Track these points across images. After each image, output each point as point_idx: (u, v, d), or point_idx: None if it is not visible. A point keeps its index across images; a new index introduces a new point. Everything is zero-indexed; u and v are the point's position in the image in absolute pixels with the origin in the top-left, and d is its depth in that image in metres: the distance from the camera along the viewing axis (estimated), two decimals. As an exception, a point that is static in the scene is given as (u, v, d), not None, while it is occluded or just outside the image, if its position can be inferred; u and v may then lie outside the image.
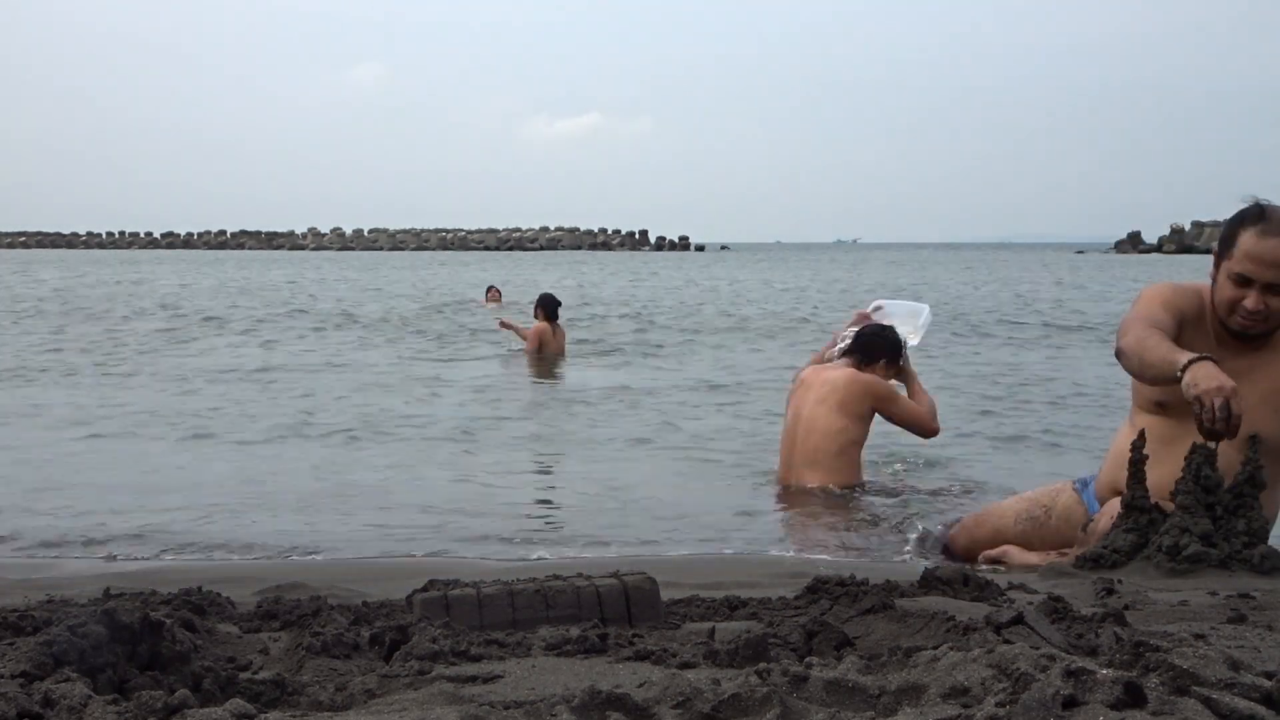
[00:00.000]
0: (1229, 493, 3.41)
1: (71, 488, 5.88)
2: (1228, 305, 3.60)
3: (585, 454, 7.12)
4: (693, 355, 14.03)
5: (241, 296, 27.22)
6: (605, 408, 9.11)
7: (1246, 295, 3.56)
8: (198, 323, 18.99)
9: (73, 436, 7.53)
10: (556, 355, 12.85)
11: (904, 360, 5.77)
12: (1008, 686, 1.60)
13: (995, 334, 17.19)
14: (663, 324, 19.07)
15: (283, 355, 13.66)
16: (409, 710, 1.79)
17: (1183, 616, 2.68)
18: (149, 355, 13.45)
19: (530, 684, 1.97)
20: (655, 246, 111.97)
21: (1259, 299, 3.54)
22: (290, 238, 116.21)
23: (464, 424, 8.17)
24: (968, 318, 20.06)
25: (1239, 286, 3.57)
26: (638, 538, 4.91)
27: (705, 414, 8.78)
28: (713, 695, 1.68)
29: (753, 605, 2.75)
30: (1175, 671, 1.59)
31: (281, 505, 5.50)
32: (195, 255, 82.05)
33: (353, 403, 9.30)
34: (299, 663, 2.15)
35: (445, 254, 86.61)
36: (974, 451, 7.23)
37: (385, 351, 14.33)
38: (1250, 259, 3.53)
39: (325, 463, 6.70)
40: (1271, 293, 3.54)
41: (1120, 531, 3.51)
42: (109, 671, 1.91)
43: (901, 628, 2.32)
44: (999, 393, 10.18)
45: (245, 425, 8.03)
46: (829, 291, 31.41)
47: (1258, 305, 3.54)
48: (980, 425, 8.25)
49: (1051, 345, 15.44)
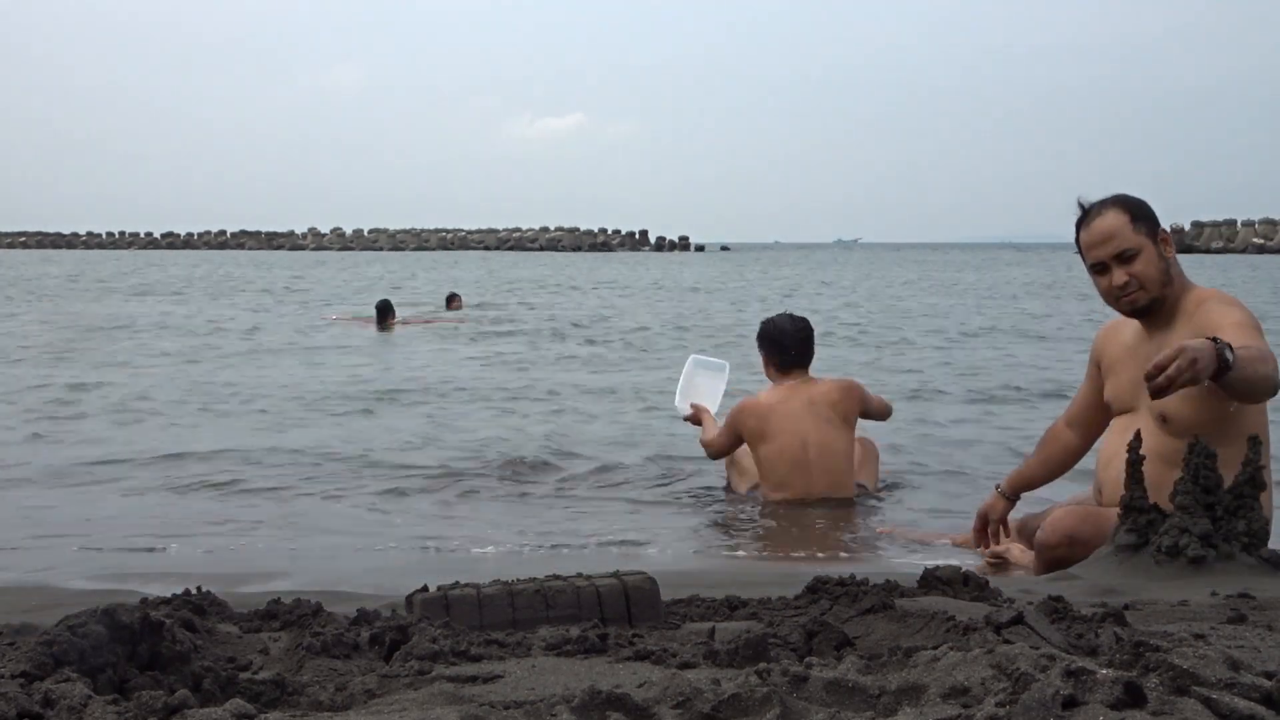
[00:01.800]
0: (1229, 493, 3.42)
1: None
2: (1106, 296, 3.84)
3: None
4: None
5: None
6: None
7: (1108, 278, 3.79)
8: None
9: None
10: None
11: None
12: (1008, 686, 1.60)
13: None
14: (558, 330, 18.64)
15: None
16: (409, 710, 1.79)
17: (1183, 616, 2.68)
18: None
19: (530, 684, 1.97)
20: (655, 246, 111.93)
21: (1116, 275, 3.77)
22: (290, 238, 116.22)
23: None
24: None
25: (1100, 275, 3.82)
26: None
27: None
28: (713, 695, 1.68)
29: (753, 605, 2.75)
30: (1175, 671, 1.59)
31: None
32: (197, 255, 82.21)
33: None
34: (299, 663, 2.15)
35: (445, 254, 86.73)
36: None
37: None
38: (1088, 249, 3.82)
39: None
40: (1122, 263, 3.76)
41: (1121, 532, 3.51)
42: (109, 671, 1.91)
43: (901, 628, 2.32)
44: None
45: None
46: (736, 297, 29.06)
47: (1121, 280, 3.76)
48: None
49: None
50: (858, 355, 13.97)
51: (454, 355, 13.76)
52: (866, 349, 14.91)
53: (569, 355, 14.03)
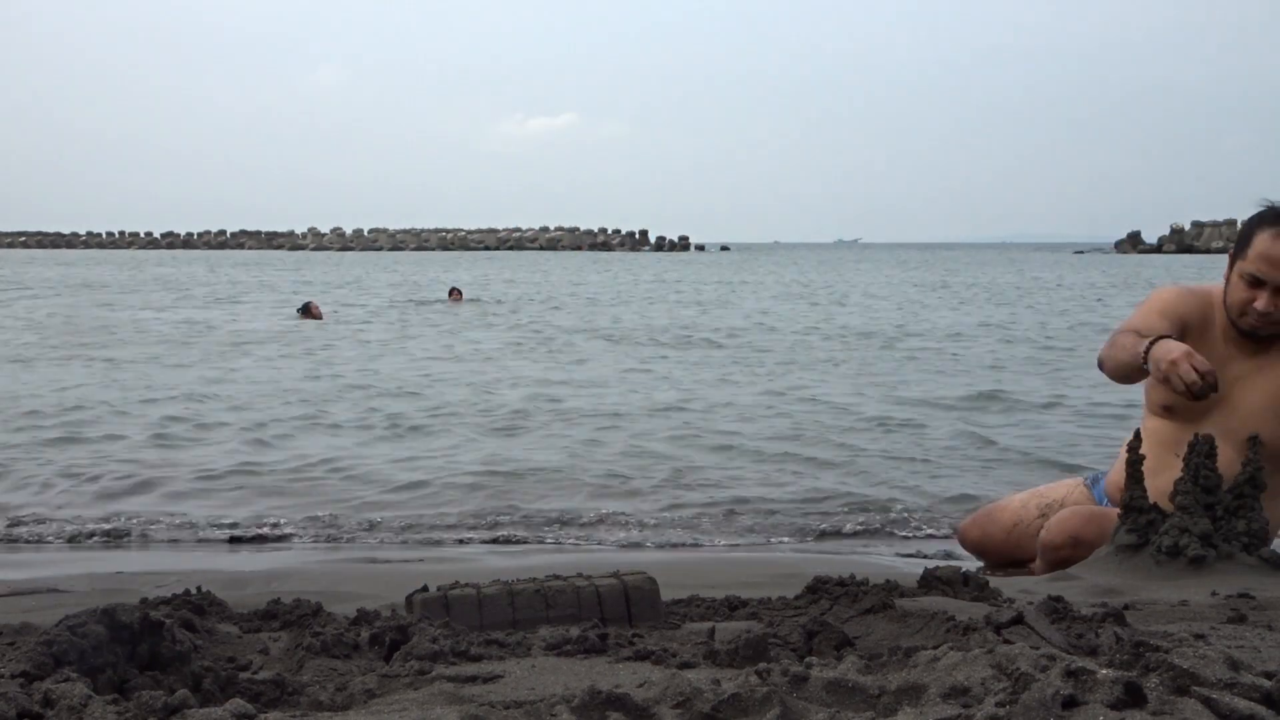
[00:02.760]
0: (1229, 493, 3.42)
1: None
2: (1239, 306, 3.62)
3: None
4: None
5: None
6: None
7: (1258, 296, 3.58)
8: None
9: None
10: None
11: None
12: (1008, 686, 1.60)
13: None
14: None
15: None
16: (409, 710, 1.79)
17: (1183, 616, 2.68)
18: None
19: (530, 684, 1.97)
20: (655, 247, 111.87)
21: (1270, 300, 3.56)
22: (290, 238, 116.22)
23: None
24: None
25: (1251, 287, 3.59)
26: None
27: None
28: (713, 695, 1.68)
29: (753, 605, 2.75)
30: (1175, 671, 1.59)
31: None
32: (200, 255, 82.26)
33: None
34: (299, 663, 2.15)
35: (446, 254, 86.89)
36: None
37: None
38: (1264, 260, 3.56)
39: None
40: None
41: (1121, 532, 3.51)
42: (109, 671, 1.91)
43: (901, 628, 2.32)
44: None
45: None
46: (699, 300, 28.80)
47: (1269, 307, 3.56)
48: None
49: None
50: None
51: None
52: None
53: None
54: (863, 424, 8.27)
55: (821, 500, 5.74)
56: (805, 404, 9.43)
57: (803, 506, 5.62)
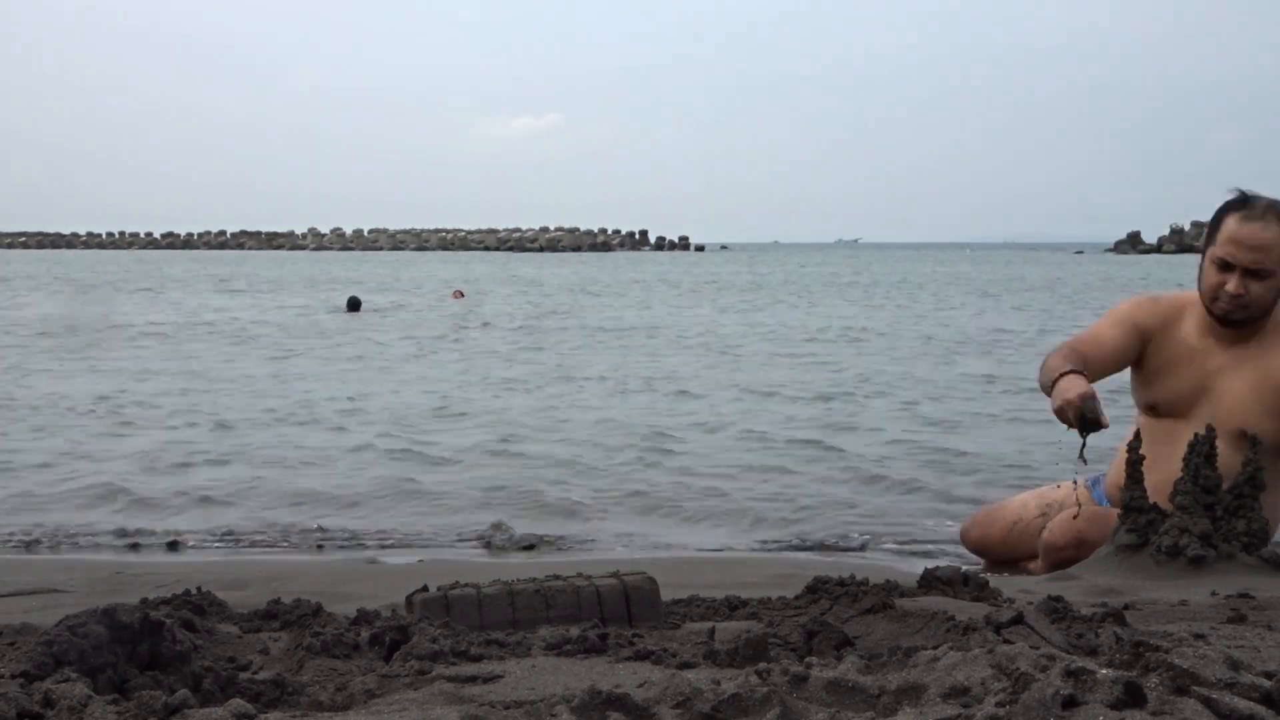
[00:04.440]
0: (1229, 493, 3.42)
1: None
2: (1211, 291, 3.68)
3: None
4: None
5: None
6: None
7: (1228, 280, 3.63)
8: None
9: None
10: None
11: None
12: (1008, 686, 1.60)
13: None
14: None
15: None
16: (409, 710, 1.79)
17: (1183, 616, 2.68)
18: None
19: (530, 684, 1.97)
20: (655, 246, 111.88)
21: (1240, 283, 3.61)
22: (290, 238, 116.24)
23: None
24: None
25: (1221, 271, 3.65)
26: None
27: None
28: (713, 695, 1.68)
29: (753, 605, 2.74)
30: (1175, 671, 1.59)
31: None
32: (203, 255, 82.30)
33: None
34: (299, 663, 2.15)
35: (444, 254, 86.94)
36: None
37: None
38: (1232, 243, 3.62)
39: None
40: (1252, 277, 3.61)
41: (1121, 532, 3.51)
42: (109, 671, 1.91)
43: (901, 628, 2.32)
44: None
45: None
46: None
47: (1239, 289, 3.61)
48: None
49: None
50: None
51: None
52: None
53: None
54: (866, 424, 8.27)
55: (822, 500, 5.73)
56: (805, 404, 9.43)
57: (803, 507, 5.61)
